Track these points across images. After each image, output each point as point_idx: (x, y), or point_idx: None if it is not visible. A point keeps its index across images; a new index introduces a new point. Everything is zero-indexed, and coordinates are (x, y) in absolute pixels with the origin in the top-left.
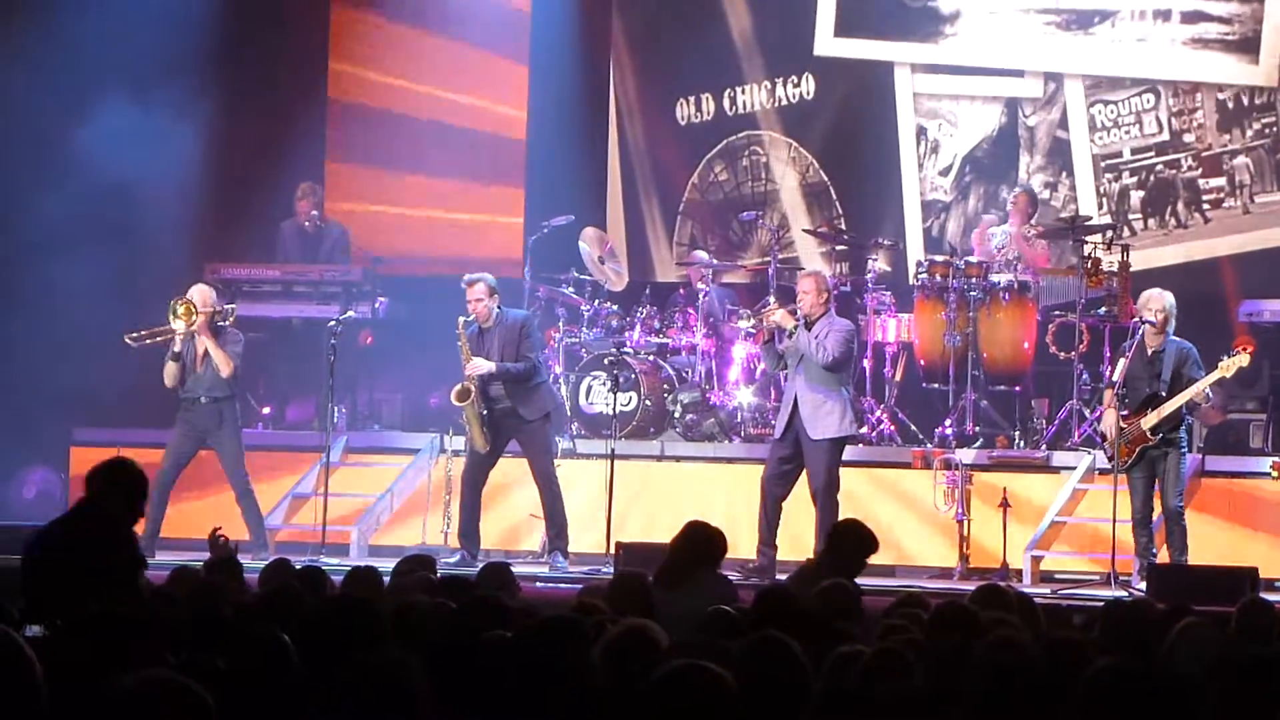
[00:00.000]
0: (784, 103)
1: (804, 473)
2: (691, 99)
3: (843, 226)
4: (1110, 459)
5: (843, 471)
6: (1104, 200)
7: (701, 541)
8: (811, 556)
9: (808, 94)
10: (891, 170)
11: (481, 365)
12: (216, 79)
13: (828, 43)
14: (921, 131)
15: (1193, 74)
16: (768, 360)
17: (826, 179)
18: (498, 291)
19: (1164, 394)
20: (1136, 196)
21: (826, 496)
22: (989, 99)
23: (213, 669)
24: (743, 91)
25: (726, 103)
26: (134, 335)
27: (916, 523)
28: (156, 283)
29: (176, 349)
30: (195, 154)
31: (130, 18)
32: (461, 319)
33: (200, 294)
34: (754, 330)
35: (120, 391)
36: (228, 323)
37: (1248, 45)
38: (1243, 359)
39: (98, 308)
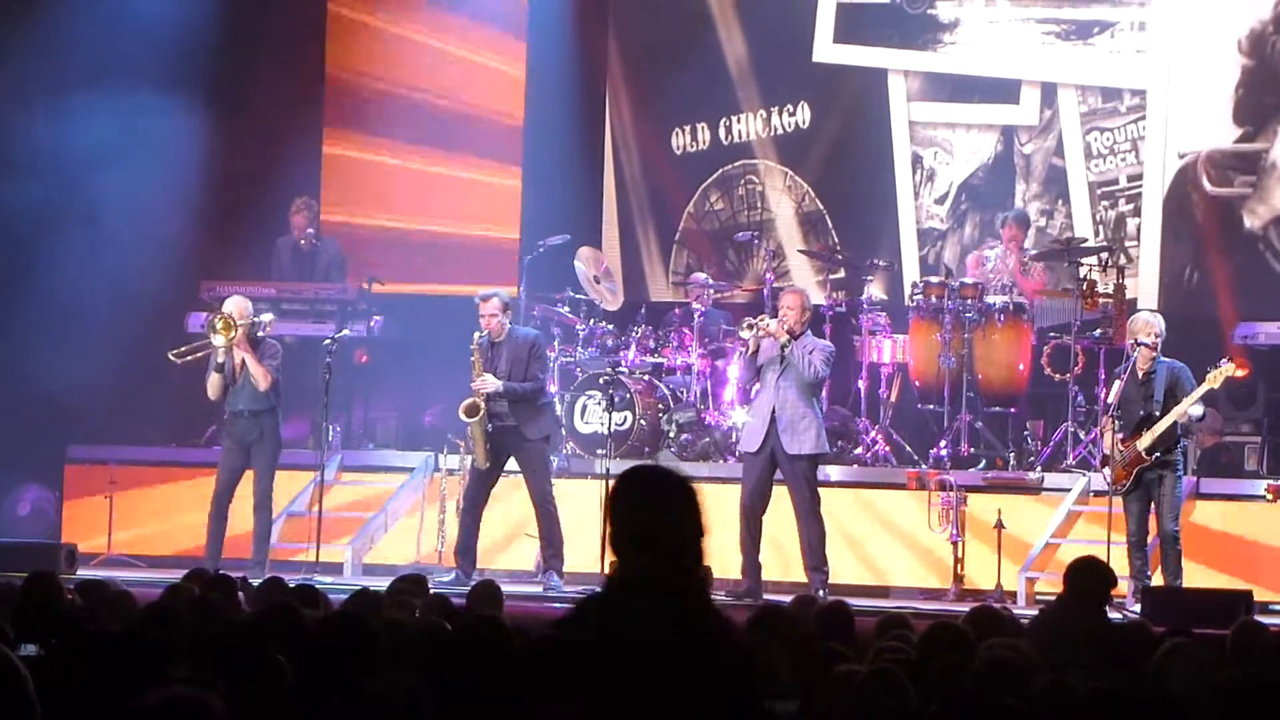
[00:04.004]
0: (779, 131)
1: (785, 489)
2: (687, 128)
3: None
4: (1109, 483)
5: (838, 492)
6: (1100, 227)
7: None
8: (1052, 599)
9: (803, 123)
10: (887, 198)
11: (490, 383)
12: (212, 97)
13: (827, 49)
14: (917, 160)
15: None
16: (747, 371)
17: (822, 207)
18: (511, 308)
19: (1157, 414)
20: (1133, 223)
21: (811, 513)
22: (985, 127)
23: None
24: (738, 120)
25: (722, 132)
26: (177, 352)
27: (911, 543)
28: (152, 301)
29: (219, 360)
30: (191, 172)
31: (124, 32)
32: (476, 334)
33: (237, 305)
34: (753, 339)
35: (114, 409)
36: (265, 332)
37: None
38: (1230, 368)
39: (93, 325)
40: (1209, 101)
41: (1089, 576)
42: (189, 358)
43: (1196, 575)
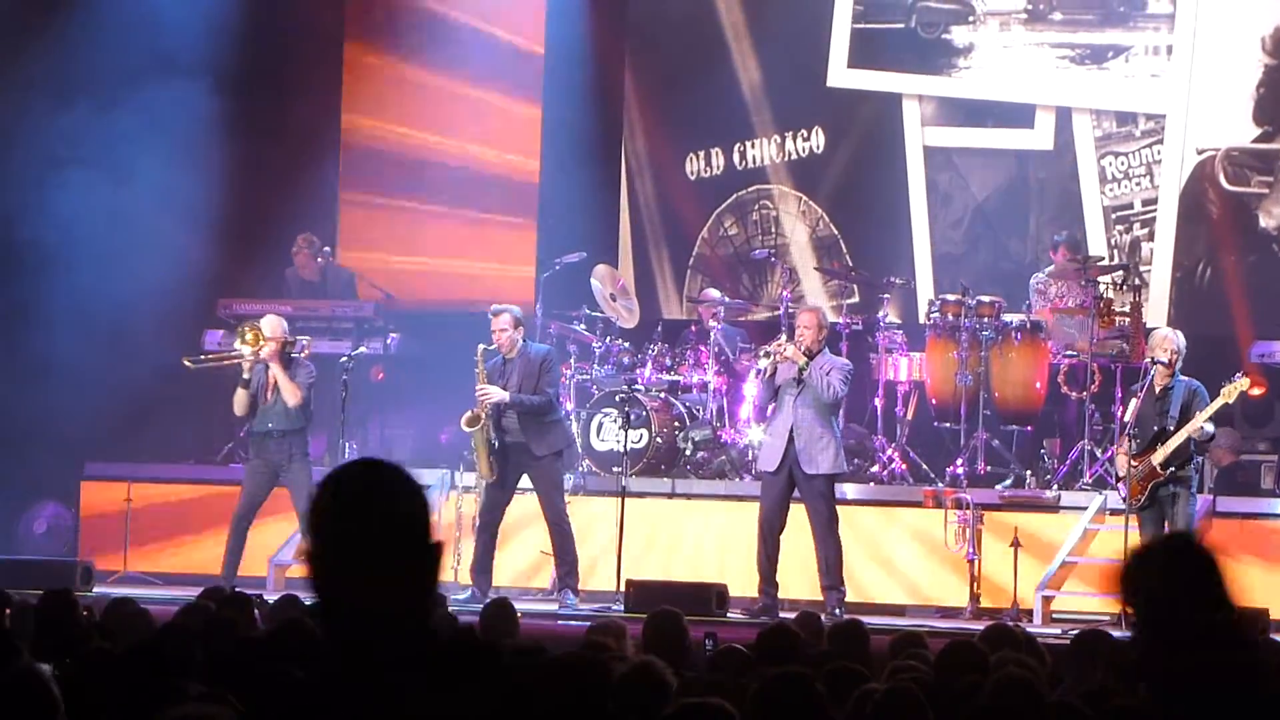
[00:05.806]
0: (793, 156)
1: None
2: (701, 153)
3: (853, 275)
4: (1125, 499)
5: (855, 510)
6: (1115, 252)
7: None
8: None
9: (817, 147)
10: (902, 223)
11: (495, 394)
12: (230, 119)
13: (841, 74)
14: (932, 184)
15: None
16: (765, 393)
17: (836, 232)
18: (523, 324)
19: (1171, 429)
20: (1147, 248)
21: (828, 532)
22: (999, 152)
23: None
24: (752, 145)
25: (736, 157)
26: (194, 358)
27: (927, 562)
28: (169, 318)
29: (245, 375)
30: (208, 191)
31: (146, 43)
32: (482, 346)
33: (271, 324)
34: (770, 365)
35: (131, 427)
36: (302, 354)
37: None
38: (1244, 383)
39: (109, 342)
40: (1230, 99)
41: (1090, 646)
42: (208, 365)
43: None
